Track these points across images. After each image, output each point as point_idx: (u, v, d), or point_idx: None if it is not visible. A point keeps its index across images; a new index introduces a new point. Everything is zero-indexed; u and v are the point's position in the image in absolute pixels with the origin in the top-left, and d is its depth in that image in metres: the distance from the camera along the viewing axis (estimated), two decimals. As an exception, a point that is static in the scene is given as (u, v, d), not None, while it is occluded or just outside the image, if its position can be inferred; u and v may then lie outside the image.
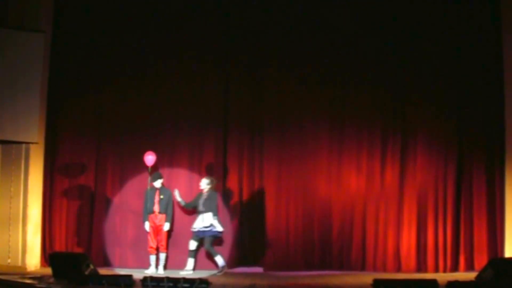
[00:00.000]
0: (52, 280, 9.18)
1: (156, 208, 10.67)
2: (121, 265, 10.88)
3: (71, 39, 11.32)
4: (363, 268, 11.02)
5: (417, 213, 11.11)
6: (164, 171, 11.11)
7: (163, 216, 10.69)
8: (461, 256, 11.06)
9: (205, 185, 10.73)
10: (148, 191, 10.75)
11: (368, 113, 11.29)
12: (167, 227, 10.73)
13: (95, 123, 11.34)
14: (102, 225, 11.13)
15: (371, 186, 11.20)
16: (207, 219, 10.57)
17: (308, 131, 11.28)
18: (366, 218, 11.14)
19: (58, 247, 11.05)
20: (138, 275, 9.59)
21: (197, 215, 10.70)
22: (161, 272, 10.50)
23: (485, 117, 11.25)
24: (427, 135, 11.22)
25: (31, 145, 10.56)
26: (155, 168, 10.96)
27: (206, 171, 11.14)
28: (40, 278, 9.33)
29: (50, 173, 11.16)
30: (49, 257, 9.84)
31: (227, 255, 10.93)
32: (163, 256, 10.72)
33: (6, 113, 10.28)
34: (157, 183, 10.75)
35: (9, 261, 10.36)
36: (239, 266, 11.09)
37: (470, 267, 10.99)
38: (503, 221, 10.96)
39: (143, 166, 10.85)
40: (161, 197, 10.72)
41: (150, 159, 10.80)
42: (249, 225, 11.25)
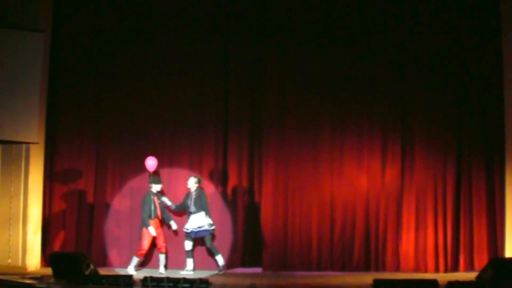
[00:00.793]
0: (52, 280, 9.17)
1: (159, 212, 10.65)
2: (121, 265, 10.87)
3: (71, 39, 11.33)
4: (367, 268, 11.00)
5: (418, 213, 11.12)
6: (164, 173, 11.13)
7: (160, 220, 10.68)
8: (461, 256, 11.06)
9: (193, 184, 10.68)
10: (147, 196, 10.63)
11: (368, 113, 11.30)
12: (175, 225, 10.72)
13: (95, 123, 11.34)
14: (102, 225, 11.13)
15: (371, 187, 11.20)
16: (200, 219, 10.54)
17: (308, 132, 11.28)
18: (366, 219, 11.15)
19: (58, 247, 11.05)
20: (138, 275, 9.61)
21: (188, 216, 10.66)
22: (162, 272, 10.47)
23: (485, 117, 11.25)
24: (427, 135, 11.23)
25: (31, 145, 10.55)
26: (156, 172, 10.93)
27: (208, 174, 11.16)
28: (40, 278, 9.33)
29: (50, 173, 11.16)
30: (49, 257, 9.83)
31: (227, 255, 10.94)
32: (162, 256, 10.69)
33: (6, 113, 10.28)
34: (158, 187, 10.71)
35: (9, 261, 10.35)
36: (238, 266, 11.07)
37: (470, 267, 11.00)
38: (503, 220, 10.97)
39: (143, 165, 10.82)
40: (159, 201, 10.70)
41: (151, 164, 10.74)
42: (249, 225, 11.24)
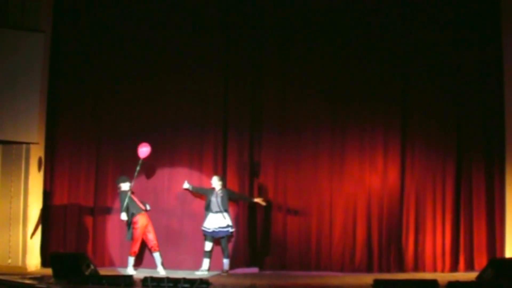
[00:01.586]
0: (52, 280, 9.17)
1: (141, 206, 10.58)
2: (121, 265, 10.86)
3: (71, 39, 11.31)
4: (369, 270, 10.98)
5: (418, 214, 11.13)
6: (164, 171, 11.13)
7: (147, 215, 10.64)
8: (461, 256, 11.07)
9: (217, 183, 10.69)
10: (123, 197, 10.50)
11: (368, 113, 11.29)
12: (148, 206, 10.66)
13: (95, 123, 11.34)
14: (102, 225, 11.14)
15: (372, 187, 11.20)
16: (222, 219, 10.55)
17: (308, 131, 11.28)
18: (367, 219, 11.15)
19: (58, 247, 11.04)
20: (138, 275, 9.62)
21: (207, 214, 10.63)
22: (161, 271, 10.46)
23: (485, 117, 11.26)
24: (427, 136, 11.25)
25: (31, 145, 10.55)
26: (147, 160, 10.84)
27: (208, 174, 11.14)
28: (40, 278, 9.32)
29: (50, 173, 11.15)
30: (50, 257, 9.83)
31: (227, 255, 10.97)
32: (157, 255, 10.63)
33: (6, 113, 10.27)
34: (126, 186, 10.59)
35: (10, 261, 10.35)
36: (238, 266, 11.06)
37: (469, 267, 11.01)
38: (503, 221, 10.98)
39: (144, 164, 10.82)
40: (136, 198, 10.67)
41: (144, 151, 10.68)
42: (249, 225, 11.22)
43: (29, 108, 10.43)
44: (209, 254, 10.63)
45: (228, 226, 10.57)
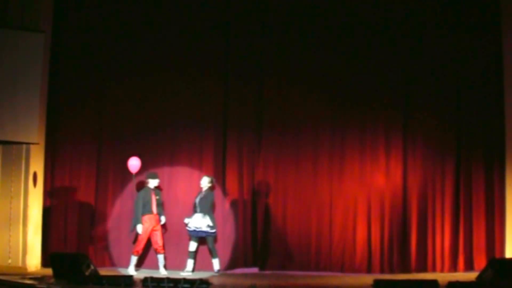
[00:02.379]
0: (52, 280, 9.17)
1: (154, 208, 10.65)
2: (122, 265, 10.86)
3: (71, 39, 11.30)
4: (368, 270, 10.97)
5: (418, 214, 11.13)
6: (164, 171, 11.11)
7: (158, 216, 10.67)
8: (460, 256, 11.08)
9: (205, 183, 10.67)
10: (142, 193, 10.63)
11: (369, 113, 11.29)
12: (164, 220, 10.67)
13: (96, 123, 11.33)
14: (103, 225, 11.13)
15: (372, 187, 11.20)
16: (200, 220, 10.52)
17: (308, 131, 11.29)
18: (367, 219, 11.15)
19: (58, 247, 11.04)
20: (138, 275, 9.62)
21: (193, 214, 10.65)
22: (163, 272, 10.45)
23: (485, 117, 11.26)
24: (427, 136, 11.25)
25: (32, 146, 10.54)
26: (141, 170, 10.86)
27: (208, 174, 11.13)
28: (40, 278, 9.33)
29: (50, 173, 11.15)
30: (50, 257, 9.83)
31: (227, 255, 10.96)
32: (161, 257, 10.67)
33: (6, 113, 10.25)
34: (154, 183, 10.71)
35: (10, 261, 10.34)
36: (238, 267, 11.07)
37: (469, 267, 11.02)
38: (502, 221, 11.00)
39: (144, 164, 10.81)
40: (157, 197, 10.70)
41: (134, 165, 10.65)
42: (249, 225, 11.23)
43: (29, 108, 10.41)
44: (193, 254, 10.61)
45: (208, 226, 10.51)
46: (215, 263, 10.62)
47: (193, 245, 10.62)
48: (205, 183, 10.68)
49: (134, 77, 11.33)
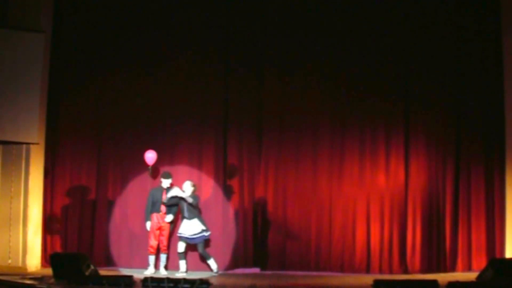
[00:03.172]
0: (52, 280, 9.17)
1: (163, 207, 10.65)
2: (122, 266, 10.87)
3: (71, 39, 11.32)
4: (369, 269, 10.98)
5: (418, 214, 11.12)
6: (164, 170, 11.11)
7: (166, 215, 10.68)
8: (459, 256, 11.07)
9: (189, 188, 10.58)
10: (153, 191, 10.70)
11: (369, 112, 11.29)
12: (170, 218, 10.64)
13: (96, 123, 11.34)
14: (103, 225, 11.13)
15: (372, 187, 11.19)
16: (195, 225, 10.49)
17: (309, 130, 11.28)
18: (367, 219, 11.14)
19: (58, 247, 11.05)
20: (138, 275, 9.62)
21: (182, 219, 10.60)
22: (163, 272, 10.46)
23: (485, 117, 11.26)
24: (426, 136, 11.24)
25: (32, 146, 10.54)
26: (155, 167, 10.93)
27: (208, 174, 11.13)
28: (40, 278, 9.33)
29: (51, 173, 11.15)
30: (50, 257, 9.83)
31: (227, 256, 10.95)
32: (164, 257, 10.68)
33: (6, 113, 10.27)
34: (167, 183, 10.72)
35: (10, 261, 10.35)
36: (238, 267, 11.07)
37: (468, 267, 11.02)
38: (502, 221, 10.99)
39: (144, 164, 10.84)
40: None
41: (150, 157, 10.77)
42: (249, 225, 11.22)
43: (29, 108, 10.43)
44: (183, 255, 10.59)
45: (202, 231, 10.50)
46: (212, 263, 10.61)
47: (181, 246, 10.59)
48: (188, 187, 10.61)
49: (134, 76, 11.33)
